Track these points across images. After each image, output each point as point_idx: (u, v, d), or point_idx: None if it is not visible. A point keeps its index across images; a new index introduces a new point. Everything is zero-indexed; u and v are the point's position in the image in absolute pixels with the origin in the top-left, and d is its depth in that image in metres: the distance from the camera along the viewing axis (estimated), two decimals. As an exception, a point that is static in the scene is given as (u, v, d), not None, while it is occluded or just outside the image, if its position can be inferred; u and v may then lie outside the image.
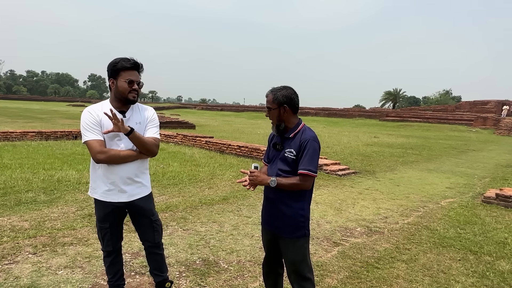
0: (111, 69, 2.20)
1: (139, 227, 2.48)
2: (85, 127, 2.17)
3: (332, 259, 3.52)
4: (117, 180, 2.24)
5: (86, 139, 2.17)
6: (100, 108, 2.24)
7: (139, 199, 2.35)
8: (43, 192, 5.20)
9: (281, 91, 2.17)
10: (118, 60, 2.19)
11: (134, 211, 2.39)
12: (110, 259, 2.45)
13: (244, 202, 5.36)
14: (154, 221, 2.47)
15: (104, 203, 2.29)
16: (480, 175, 8.78)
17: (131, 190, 2.30)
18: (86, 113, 2.21)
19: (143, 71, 2.29)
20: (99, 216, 2.35)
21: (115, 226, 2.40)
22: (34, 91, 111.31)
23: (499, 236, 4.32)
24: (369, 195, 6.24)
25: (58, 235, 3.70)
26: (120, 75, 2.19)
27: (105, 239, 2.38)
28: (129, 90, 2.20)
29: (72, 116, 28.12)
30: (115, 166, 2.22)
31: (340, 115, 41.66)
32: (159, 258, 2.55)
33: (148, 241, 2.48)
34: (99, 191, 2.28)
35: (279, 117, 2.19)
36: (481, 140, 20.55)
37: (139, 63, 2.24)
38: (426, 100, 70.05)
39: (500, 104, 36.81)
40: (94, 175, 2.31)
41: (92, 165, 2.31)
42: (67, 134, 12.05)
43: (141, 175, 2.36)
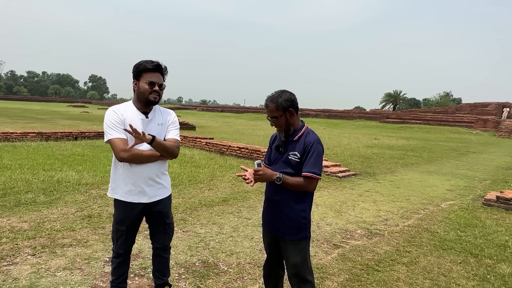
0: (135, 71, 2.24)
1: (152, 228, 2.50)
2: (109, 125, 2.19)
3: (332, 261, 3.50)
4: (139, 180, 2.25)
5: (110, 137, 2.19)
6: (124, 108, 2.27)
7: (159, 201, 2.36)
8: (42, 193, 5.19)
9: (281, 97, 2.15)
10: (142, 62, 2.23)
11: (152, 212, 2.39)
12: (119, 261, 2.43)
13: (244, 203, 5.35)
14: (168, 224, 2.48)
15: (125, 203, 2.29)
16: (481, 178, 8.76)
17: (152, 192, 2.31)
18: (110, 112, 2.24)
19: (167, 73, 2.33)
20: (117, 218, 2.34)
21: (131, 229, 2.38)
22: (34, 91, 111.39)
23: (499, 239, 4.30)
24: (369, 197, 6.22)
25: (57, 236, 3.69)
26: (142, 77, 2.22)
27: (119, 241, 2.36)
28: (150, 91, 2.22)
29: (72, 117, 28.13)
30: (136, 166, 2.23)
31: (340, 116, 41.66)
32: (164, 261, 2.57)
33: (157, 243, 2.50)
34: (119, 191, 2.29)
35: (287, 122, 2.17)
36: (482, 142, 20.54)
37: (162, 65, 2.26)
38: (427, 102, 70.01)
39: (501, 106, 36.80)
40: (115, 175, 2.32)
41: (114, 165, 2.32)
42: (67, 134, 12.04)
43: (162, 176, 2.38)
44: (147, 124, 2.27)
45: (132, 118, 2.22)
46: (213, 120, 33.20)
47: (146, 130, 2.22)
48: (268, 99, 2.19)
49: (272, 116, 2.18)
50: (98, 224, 4.13)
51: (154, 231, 2.50)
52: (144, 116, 2.27)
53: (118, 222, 2.34)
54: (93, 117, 29.63)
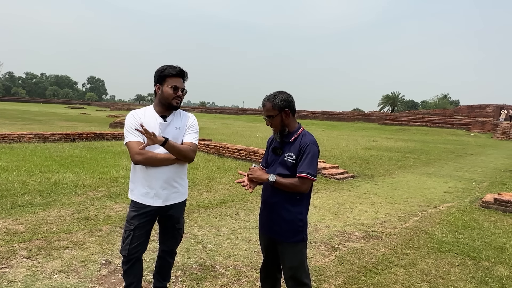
0: (159, 75, 2.28)
1: (162, 230, 2.51)
2: (127, 129, 2.25)
3: (329, 264, 3.49)
4: (155, 183, 2.27)
5: (127, 140, 2.24)
6: (143, 112, 2.32)
7: (172, 205, 2.36)
8: (39, 195, 5.17)
9: (278, 97, 2.17)
10: (166, 67, 2.26)
11: (164, 216, 2.40)
12: (126, 267, 2.35)
13: (242, 205, 5.34)
14: (178, 229, 2.48)
15: (139, 205, 2.30)
16: (479, 180, 8.78)
17: (167, 195, 2.31)
18: (130, 116, 2.29)
19: (187, 79, 2.36)
20: (129, 216, 2.34)
21: (139, 230, 2.30)
22: (32, 93, 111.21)
23: (497, 241, 4.30)
24: (368, 199, 6.22)
25: (53, 239, 3.67)
26: (166, 81, 2.26)
27: (126, 242, 2.31)
28: (174, 96, 2.26)
29: (70, 118, 28.08)
30: (153, 169, 2.25)
31: (338, 118, 41.72)
32: (167, 265, 2.58)
33: (164, 245, 2.51)
34: (137, 193, 2.31)
35: (282, 122, 2.18)
36: (479, 145, 20.59)
37: (184, 71, 2.31)
38: (425, 104, 70.29)
39: (498, 108, 36.94)
40: (133, 177, 2.35)
41: (133, 167, 2.34)
42: (65, 136, 12.01)
43: (179, 180, 2.37)
44: (165, 128, 2.29)
45: (150, 122, 2.26)
46: (212, 122, 33.20)
47: (163, 134, 2.25)
48: (266, 98, 2.22)
49: (268, 115, 2.19)
50: (95, 226, 4.11)
51: (162, 234, 2.51)
52: (163, 119, 2.30)
53: (128, 220, 2.34)
54: (91, 119, 29.59)
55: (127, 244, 2.31)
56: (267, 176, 2.12)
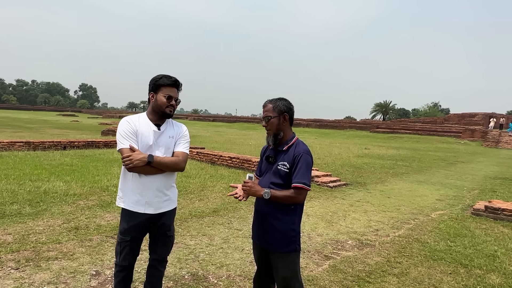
0: (153, 84, 2.31)
1: (152, 238, 2.48)
2: (122, 135, 2.25)
3: (323, 273, 3.47)
4: (146, 191, 2.27)
5: (121, 146, 2.23)
6: (137, 119, 2.33)
7: (164, 213, 2.37)
8: (28, 204, 5.07)
9: (281, 101, 2.22)
10: (161, 77, 2.30)
11: (155, 223, 2.38)
12: (123, 275, 2.39)
13: (235, 214, 5.30)
14: (169, 236, 2.48)
15: (131, 213, 2.29)
16: (469, 187, 8.86)
17: (158, 203, 2.32)
18: (124, 122, 2.30)
19: (181, 90, 2.40)
20: (122, 228, 2.33)
21: (135, 240, 2.36)
22: (23, 100, 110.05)
23: (489, 249, 4.33)
24: (360, 207, 6.23)
25: (42, 249, 3.59)
26: (161, 90, 2.29)
27: (123, 253, 2.33)
28: (167, 105, 2.30)
29: (61, 126, 27.79)
30: (145, 177, 2.26)
31: (331, 126, 41.99)
32: (158, 274, 2.54)
33: (155, 254, 2.48)
34: (127, 200, 2.30)
35: (279, 125, 2.20)
36: (470, 152, 20.85)
37: (179, 82, 2.35)
38: (416, 112, 71.15)
39: (487, 116, 37.56)
40: (123, 185, 2.34)
41: (123, 174, 2.34)
42: (56, 144, 11.86)
43: (170, 188, 2.40)
44: (158, 136, 2.32)
45: (144, 129, 2.29)
46: (205, 130, 33.14)
47: (157, 142, 2.30)
48: (268, 100, 2.26)
49: (267, 115, 2.21)
50: (85, 236, 4.04)
51: (153, 242, 2.48)
52: (157, 128, 2.33)
53: (123, 232, 2.32)
54: (83, 126, 29.33)
55: (126, 255, 2.33)
56: (262, 192, 2.11)
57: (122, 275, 2.40)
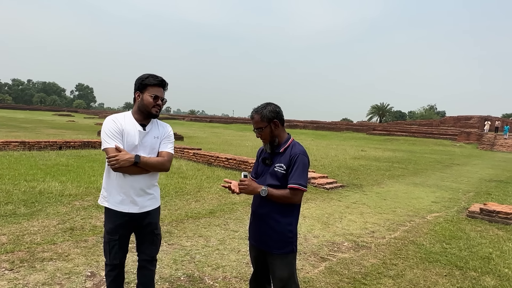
0: (140, 83, 2.29)
1: (139, 238, 2.47)
2: (107, 134, 2.23)
3: (319, 275, 3.48)
4: (130, 190, 2.28)
5: (107, 145, 2.21)
6: (123, 118, 2.31)
7: (148, 211, 2.37)
8: (23, 205, 5.04)
9: (266, 108, 2.19)
10: (147, 76, 2.29)
11: (141, 222, 2.38)
12: (115, 274, 2.40)
13: (231, 215, 5.30)
14: (156, 234, 2.47)
15: (115, 212, 2.29)
16: (465, 190, 8.91)
17: (143, 202, 2.32)
18: (109, 121, 2.27)
19: (167, 89, 2.39)
20: (109, 228, 2.32)
21: (124, 238, 2.37)
22: (19, 99, 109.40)
23: (483, 251, 4.35)
24: (356, 209, 6.25)
25: (37, 250, 3.57)
26: (147, 90, 2.27)
27: (113, 252, 2.33)
28: (153, 105, 2.28)
29: (57, 126, 27.65)
30: (129, 177, 2.26)
31: (328, 128, 42.09)
32: (149, 274, 2.51)
33: (144, 254, 2.46)
34: (111, 200, 2.30)
35: (272, 133, 2.19)
36: (465, 155, 20.97)
37: (165, 81, 2.34)
38: (412, 114, 71.47)
39: (483, 119, 37.84)
40: (107, 184, 2.33)
41: (107, 173, 2.34)
42: (52, 144, 11.80)
43: (152, 187, 2.40)
44: (143, 136, 2.31)
45: (129, 129, 2.27)
46: (201, 131, 33.11)
47: (142, 142, 2.29)
48: (254, 110, 2.23)
49: (257, 127, 2.20)
50: (81, 237, 4.02)
51: (141, 242, 2.46)
52: (142, 128, 2.32)
53: (110, 232, 2.32)
54: (79, 126, 29.20)
55: (115, 253, 2.33)
56: (259, 190, 2.11)
57: (114, 274, 2.39)
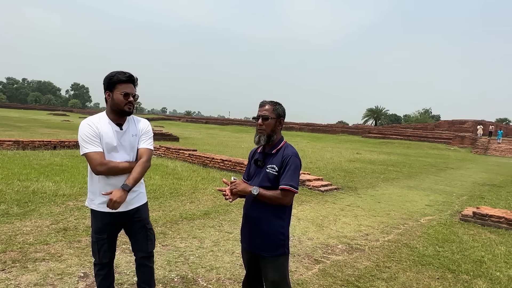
0: (107, 82, 2.25)
1: (133, 236, 2.47)
2: (84, 139, 2.20)
3: (313, 277, 3.49)
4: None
5: (86, 151, 2.19)
6: (98, 120, 2.27)
7: (136, 208, 2.39)
8: (16, 204, 5.00)
9: (279, 105, 2.26)
10: (114, 74, 2.24)
11: (131, 220, 2.39)
12: (104, 272, 2.42)
13: (226, 217, 5.29)
14: (149, 229, 2.48)
15: (102, 213, 2.29)
16: (458, 193, 8.98)
17: (129, 200, 2.30)
18: (85, 126, 2.23)
19: (137, 84, 2.35)
20: (96, 228, 2.33)
21: (111, 236, 2.39)
22: (13, 98, 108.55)
23: (476, 254, 4.39)
24: (351, 212, 6.27)
25: (29, 250, 3.54)
26: (116, 88, 2.24)
27: (102, 250, 2.35)
28: (125, 103, 2.25)
29: (52, 125, 27.47)
30: (113, 178, 2.25)
31: (323, 130, 42.18)
32: (149, 271, 2.53)
33: (140, 251, 2.47)
34: (96, 202, 2.29)
35: (274, 128, 2.22)
36: (459, 159, 21.13)
37: (134, 76, 2.30)
38: (407, 118, 71.88)
39: (477, 123, 38.15)
40: (91, 186, 2.33)
41: (90, 176, 2.33)
42: (46, 144, 11.72)
43: (139, 185, 2.40)
44: (121, 136, 2.30)
45: (106, 131, 2.25)
46: (197, 132, 33.04)
47: (121, 142, 2.28)
48: (267, 101, 2.25)
49: (265, 115, 2.20)
50: (74, 237, 3.99)
51: (135, 240, 2.47)
52: (119, 128, 2.30)
53: (97, 231, 2.33)
54: (74, 126, 29.01)
55: (104, 251, 2.35)
56: (250, 189, 2.13)
57: (103, 273, 2.41)
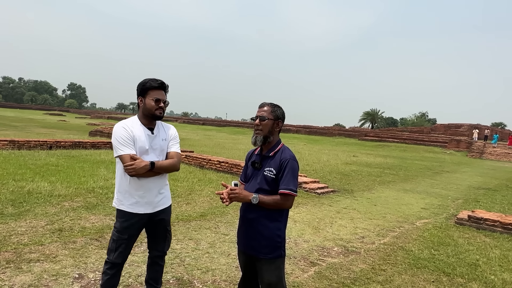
0: (141, 88, 2.39)
1: (153, 236, 2.59)
2: (120, 141, 2.33)
3: (308, 279, 3.49)
4: (146, 192, 2.40)
5: (121, 153, 2.32)
6: (131, 124, 2.41)
7: (161, 210, 2.51)
8: (11, 205, 4.96)
9: (279, 108, 2.27)
10: (147, 81, 2.38)
11: (155, 221, 2.51)
12: (113, 272, 2.45)
13: (222, 219, 5.29)
14: (169, 231, 2.64)
15: (130, 214, 2.39)
16: (454, 197, 9.02)
17: (157, 202, 2.46)
18: (120, 129, 2.36)
19: (168, 91, 2.49)
20: (121, 227, 2.40)
21: (132, 238, 2.46)
22: (9, 98, 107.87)
23: (471, 257, 4.41)
24: (347, 214, 6.28)
25: (24, 251, 3.52)
26: (148, 94, 2.37)
27: (118, 250, 2.40)
28: (156, 108, 2.38)
29: (48, 125, 27.33)
30: (144, 179, 2.37)
31: (320, 133, 42.27)
32: (160, 269, 2.67)
33: (156, 250, 2.61)
34: (126, 202, 2.39)
35: (271, 129, 2.22)
36: (455, 162, 21.23)
37: (165, 83, 2.44)
38: (403, 121, 72.13)
39: (472, 127, 38.39)
40: (121, 187, 2.42)
41: (120, 177, 2.42)
42: (42, 143, 11.65)
43: (165, 187, 2.56)
44: (152, 140, 2.44)
45: (140, 135, 2.38)
46: (194, 133, 32.98)
47: (152, 145, 2.43)
48: (266, 102, 2.27)
49: (263, 115, 2.20)
50: (69, 238, 3.97)
51: (153, 239, 2.59)
52: (150, 132, 2.44)
53: (120, 231, 2.41)
54: (70, 126, 28.89)
55: (120, 252, 2.41)
56: (250, 198, 2.11)
57: (112, 273, 2.44)
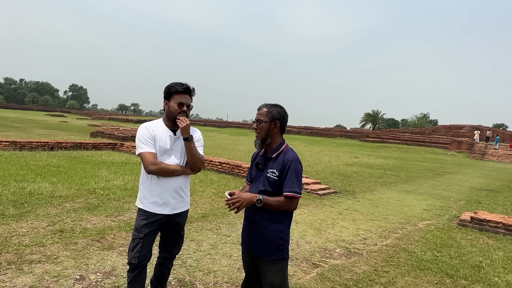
0: (166, 92, 2.44)
1: (166, 239, 2.60)
2: (141, 140, 2.38)
3: (311, 281, 3.47)
4: (165, 192, 2.41)
5: (141, 151, 2.37)
6: (155, 125, 2.47)
7: (179, 213, 2.50)
8: (12, 205, 4.96)
9: (276, 108, 2.23)
10: (173, 85, 2.42)
11: (170, 223, 2.50)
12: (133, 275, 2.43)
13: (224, 220, 5.27)
14: (181, 236, 2.64)
15: (148, 213, 2.41)
16: (456, 198, 8.99)
17: (175, 204, 2.46)
18: (143, 129, 2.43)
19: (194, 94, 2.51)
20: (138, 225, 2.42)
21: (147, 238, 2.43)
22: (11, 99, 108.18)
23: (474, 259, 4.38)
24: (349, 216, 6.26)
25: (25, 252, 3.51)
26: (173, 98, 2.42)
27: (135, 250, 2.39)
28: (179, 111, 2.40)
29: (49, 126, 27.37)
30: (163, 179, 2.39)
31: (321, 134, 42.24)
32: (166, 272, 2.68)
33: (166, 252, 2.62)
34: (145, 201, 2.42)
35: (268, 131, 2.20)
36: (457, 163, 21.18)
37: (191, 87, 2.46)
38: (405, 122, 72.06)
39: (474, 128, 38.32)
40: (143, 186, 2.46)
41: (143, 177, 2.47)
42: (43, 144, 11.66)
43: (185, 190, 2.54)
44: (174, 141, 2.46)
45: (161, 135, 2.43)
46: (195, 134, 32.96)
47: (173, 146, 2.45)
48: (264, 104, 2.27)
49: (259, 119, 2.21)
50: (70, 239, 3.96)
51: (165, 241, 2.60)
52: (173, 133, 2.47)
53: (137, 229, 2.42)
54: (72, 127, 28.94)
55: (136, 252, 2.39)
56: (255, 200, 2.10)
57: (132, 276, 2.42)
